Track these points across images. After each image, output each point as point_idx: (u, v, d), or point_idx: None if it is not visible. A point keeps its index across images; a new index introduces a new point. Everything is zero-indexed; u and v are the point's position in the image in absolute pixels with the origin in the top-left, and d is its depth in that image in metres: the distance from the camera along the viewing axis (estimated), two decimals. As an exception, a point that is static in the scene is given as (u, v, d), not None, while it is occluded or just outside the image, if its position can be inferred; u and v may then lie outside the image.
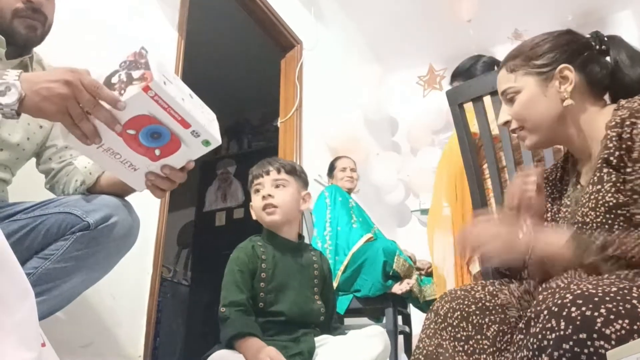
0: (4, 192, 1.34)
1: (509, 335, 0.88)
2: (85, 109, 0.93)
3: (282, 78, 3.50)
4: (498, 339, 0.90)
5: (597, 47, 1.07)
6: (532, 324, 0.75)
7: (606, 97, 1.09)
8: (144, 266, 2.07)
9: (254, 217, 1.65)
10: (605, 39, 1.07)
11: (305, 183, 1.71)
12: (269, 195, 1.59)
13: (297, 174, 1.67)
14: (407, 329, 2.81)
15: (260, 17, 3.22)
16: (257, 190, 1.61)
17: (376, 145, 4.35)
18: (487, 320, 0.94)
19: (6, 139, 1.28)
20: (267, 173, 1.62)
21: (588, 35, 1.09)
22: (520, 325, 0.78)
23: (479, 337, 0.94)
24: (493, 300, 0.97)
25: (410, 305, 2.76)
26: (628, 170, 0.92)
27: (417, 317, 2.63)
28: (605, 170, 0.94)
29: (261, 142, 5.48)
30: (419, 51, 4.65)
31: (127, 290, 1.96)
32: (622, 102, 0.99)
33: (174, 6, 2.51)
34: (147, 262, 2.10)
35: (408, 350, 2.84)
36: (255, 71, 4.41)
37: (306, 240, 1.72)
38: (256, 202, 1.61)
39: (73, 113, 0.93)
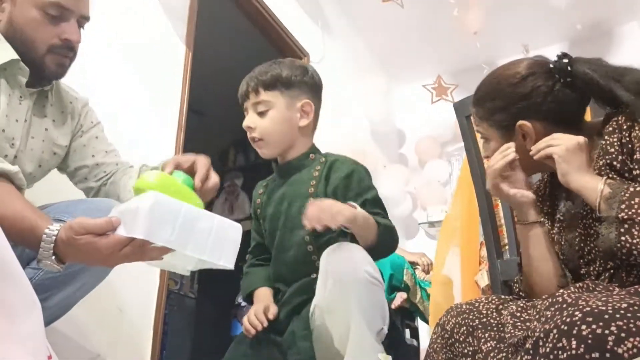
0: None
1: (504, 354, 0.87)
2: None
3: (289, 90, 3.51)
4: (492, 355, 0.89)
5: (562, 80, 1.04)
6: (541, 343, 0.73)
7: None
8: (150, 279, 2.06)
9: None
10: (569, 67, 1.03)
11: (300, 88, 1.32)
12: (248, 127, 1.31)
13: (283, 83, 1.30)
14: (414, 342, 2.78)
15: (267, 29, 3.23)
16: None
17: (383, 158, 4.34)
18: (486, 335, 0.93)
19: (22, 170, 1.25)
20: (247, 96, 1.32)
21: (551, 65, 1.06)
22: (528, 345, 0.77)
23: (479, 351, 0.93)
24: (498, 318, 0.96)
25: (418, 318, 2.74)
26: (635, 172, 0.92)
27: (425, 331, 2.61)
28: (610, 175, 0.94)
29: (268, 154, 5.48)
30: (426, 63, 4.65)
31: (134, 303, 1.96)
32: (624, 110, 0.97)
33: (182, 19, 2.52)
34: (154, 274, 2.09)
35: (416, 364, 2.82)
36: (262, 84, 4.42)
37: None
38: None
39: None
